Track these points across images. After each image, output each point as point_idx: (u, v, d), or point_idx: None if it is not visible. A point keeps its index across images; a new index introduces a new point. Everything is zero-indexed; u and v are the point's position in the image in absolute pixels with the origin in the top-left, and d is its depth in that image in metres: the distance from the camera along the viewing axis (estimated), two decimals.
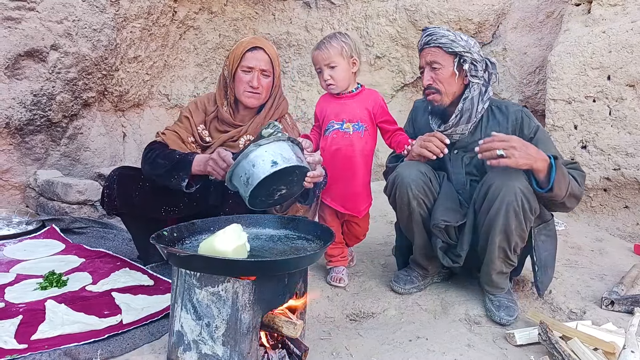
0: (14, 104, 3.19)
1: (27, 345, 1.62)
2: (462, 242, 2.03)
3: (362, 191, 2.28)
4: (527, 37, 4.12)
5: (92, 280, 2.19)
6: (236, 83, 2.24)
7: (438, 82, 2.04)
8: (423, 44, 2.07)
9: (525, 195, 1.85)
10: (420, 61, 2.11)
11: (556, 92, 3.35)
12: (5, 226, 2.96)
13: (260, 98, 2.26)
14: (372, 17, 4.48)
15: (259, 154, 1.67)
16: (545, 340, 1.66)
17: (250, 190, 1.68)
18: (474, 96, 2.04)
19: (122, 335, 1.73)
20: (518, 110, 2.08)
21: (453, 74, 2.03)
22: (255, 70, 2.21)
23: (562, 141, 3.36)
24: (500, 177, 1.88)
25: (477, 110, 2.04)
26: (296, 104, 4.72)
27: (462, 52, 2.00)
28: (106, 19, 3.56)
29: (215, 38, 4.63)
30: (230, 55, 2.26)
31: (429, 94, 2.08)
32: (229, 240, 1.50)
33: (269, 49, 2.25)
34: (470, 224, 2.01)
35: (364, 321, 2.03)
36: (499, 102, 2.13)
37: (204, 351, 1.49)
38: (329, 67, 2.18)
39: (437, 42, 2.02)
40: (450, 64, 2.02)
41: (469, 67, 2.01)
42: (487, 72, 2.06)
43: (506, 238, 1.92)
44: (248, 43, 2.24)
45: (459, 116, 2.04)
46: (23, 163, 3.35)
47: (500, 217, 1.88)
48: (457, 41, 2.01)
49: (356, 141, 2.20)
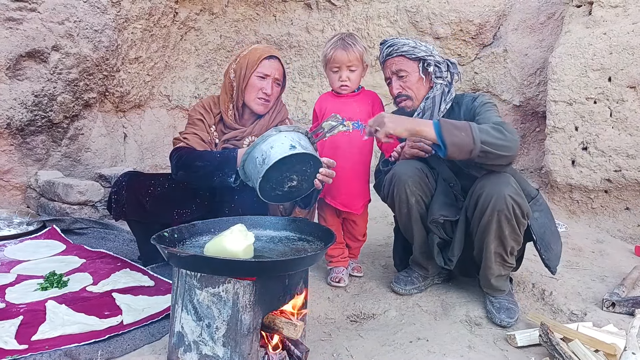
0: (15, 105, 3.19)
1: (27, 345, 1.62)
2: (454, 248, 2.03)
3: (360, 188, 2.33)
4: (528, 38, 4.12)
5: (93, 281, 2.19)
6: (248, 88, 2.24)
7: (407, 89, 2.12)
8: (385, 55, 2.13)
9: (515, 201, 1.86)
10: (385, 72, 2.17)
11: (557, 94, 3.35)
12: (6, 226, 2.96)
13: (269, 106, 2.29)
14: (373, 18, 4.48)
15: (278, 138, 1.74)
16: (546, 341, 1.65)
17: (265, 169, 1.72)
18: (436, 95, 2.11)
19: (122, 335, 1.73)
20: (470, 98, 2.12)
21: (420, 79, 2.11)
22: (270, 78, 2.24)
23: (562, 142, 3.36)
24: (490, 185, 1.88)
25: (439, 109, 2.10)
26: (297, 105, 4.72)
27: (425, 57, 2.09)
28: (107, 20, 3.56)
29: (216, 39, 4.63)
30: (243, 61, 2.25)
31: (400, 101, 2.15)
32: (237, 240, 1.51)
33: (281, 60, 2.31)
34: (461, 230, 2.02)
35: (364, 322, 2.03)
36: (459, 97, 2.17)
37: (204, 352, 1.48)
38: (349, 69, 2.22)
39: (400, 50, 2.09)
40: (415, 70, 2.10)
41: (433, 70, 2.10)
42: (449, 72, 2.14)
43: (501, 244, 1.94)
44: (264, 51, 2.26)
45: (421, 114, 2.10)
46: (24, 164, 3.36)
47: (492, 224, 1.89)
48: (418, 47, 2.09)
49: (355, 139, 2.23)
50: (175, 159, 2.15)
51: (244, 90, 2.25)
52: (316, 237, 1.79)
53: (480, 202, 1.90)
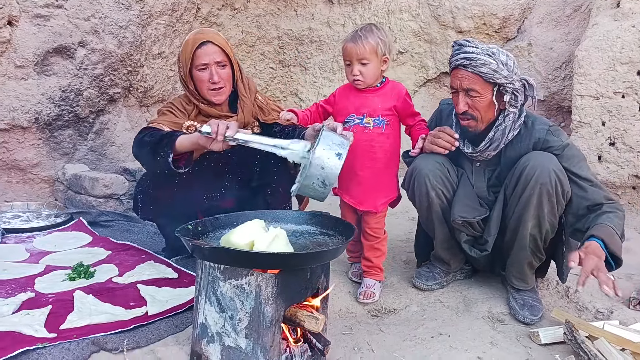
0: (43, 100, 3.27)
1: (56, 334, 1.66)
2: (490, 229, 2.00)
3: (382, 187, 2.20)
4: (553, 31, 4.04)
5: (118, 272, 2.23)
6: (197, 83, 2.19)
7: (475, 110, 1.92)
8: (458, 64, 1.89)
9: (559, 177, 1.84)
10: (453, 81, 1.94)
11: (583, 88, 3.28)
12: (35, 218, 3.04)
13: (225, 91, 2.22)
14: (395, 12, 4.45)
15: (320, 155, 1.69)
16: (570, 339, 1.63)
17: (329, 189, 1.74)
18: (507, 125, 1.94)
19: (147, 326, 1.77)
20: (543, 129, 1.97)
21: (491, 103, 1.91)
22: (210, 65, 2.16)
23: (589, 138, 3.29)
24: (534, 159, 1.87)
25: (507, 138, 1.97)
26: (317, 100, 4.71)
27: (505, 83, 1.86)
28: (131, 16, 3.61)
29: (237, 34, 4.65)
30: (181, 57, 2.20)
31: (463, 119, 1.97)
32: (245, 234, 1.53)
33: (216, 39, 2.18)
34: (498, 210, 1.98)
35: (385, 317, 2.03)
36: (527, 117, 2.00)
37: (227, 343, 1.51)
38: (360, 63, 2.07)
39: (477, 70, 1.85)
40: (489, 93, 1.89)
41: (509, 99, 1.89)
42: (525, 94, 1.92)
43: (538, 224, 1.90)
44: (194, 40, 2.16)
45: (489, 144, 1.98)
46: (52, 157, 3.43)
47: (533, 199, 1.86)
48: (500, 71, 1.84)
49: (376, 136, 2.14)
50: (135, 137, 2.11)
51: (195, 87, 2.20)
52: (337, 231, 1.80)
53: (524, 174, 1.87)
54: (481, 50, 1.86)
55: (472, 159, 2.08)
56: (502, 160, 2.03)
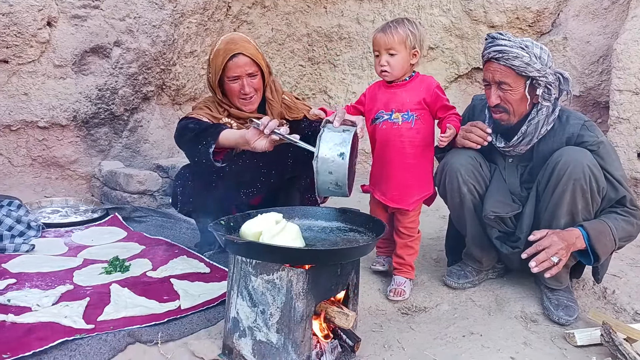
0: (80, 98, 3.37)
1: (94, 325, 1.72)
2: (522, 225, 1.97)
3: (413, 183, 2.14)
4: (590, 24, 3.91)
5: (152, 267, 2.29)
6: (227, 93, 2.24)
7: (507, 103, 1.90)
8: (491, 57, 1.88)
9: (593, 172, 1.79)
10: (486, 74, 1.93)
11: (622, 83, 3.18)
12: (73, 214, 3.14)
13: (256, 100, 2.26)
14: (425, 7, 4.40)
15: (325, 158, 1.72)
16: (608, 341, 1.59)
17: (345, 188, 1.77)
18: (540, 119, 1.91)
19: (180, 319, 1.80)
20: (577, 124, 1.93)
21: (524, 97, 1.88)
22: (242, 77, 2.19)
23: (627, 134, 3.18)
24: (567, 154, 1.83)
25: (540, 133, 1.93)
26: (346, 97, 4.71)
27: (537, 77, 1.83)
28: (165, 16, 3.69)
29: (268, 32, 4.69)
30: (212, 65, 2.22)
31: (495, 112, 1.95)
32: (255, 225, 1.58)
33: (247, 49, 2.19)
34: (531, 205, 1.95)
35: (416, 315, 2.02)
36: (561, 111, 1.97)
37: (258, 338, 1.53)
38: (388, 53, 2.06)
39: (510, 63, 1.83)
40: (521, 86, 1.86)
41: (542, 92, 1.86)
42: (559, 88, 1.89)
43: (572, 220, 1.86)
44: (225, 51, 2.17)
45: (521, 138, 1.95)
46: (89, 154, 3.54)
47: (566, 195, 1.82)
48: (532, 64, 1.81)
49: (405, 132, 2.09)
50: (177, 126, 2.17)
51: (227, 96, 2.25)
52: (367, 228, 1.80)
53: (556, 170, 1.84)
54: (514, 43, 1.83)
55: (505, 154, 2.05)
56: (534, 156, 2.00)
